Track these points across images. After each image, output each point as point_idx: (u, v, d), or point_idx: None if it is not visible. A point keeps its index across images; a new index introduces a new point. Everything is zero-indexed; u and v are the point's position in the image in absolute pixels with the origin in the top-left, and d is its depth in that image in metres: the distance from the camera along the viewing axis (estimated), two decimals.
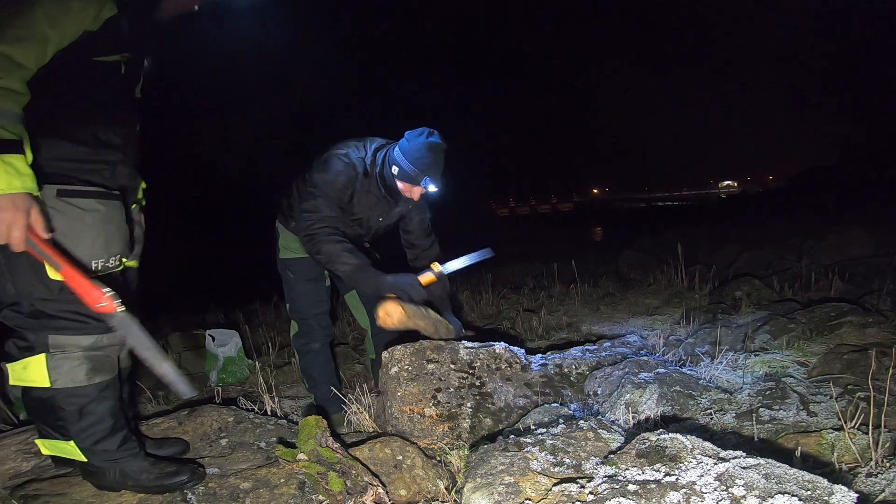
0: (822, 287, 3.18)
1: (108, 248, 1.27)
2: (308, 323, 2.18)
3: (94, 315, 1.19)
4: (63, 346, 1.22)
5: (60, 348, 1.22)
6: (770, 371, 2.01)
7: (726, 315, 2.87)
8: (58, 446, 1.30)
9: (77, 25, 1.18)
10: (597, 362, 2.06)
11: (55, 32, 1.14)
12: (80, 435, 1.27)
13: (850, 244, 4.28)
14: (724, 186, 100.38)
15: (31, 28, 1.10)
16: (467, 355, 1.88)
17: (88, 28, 1.19)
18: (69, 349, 1.23)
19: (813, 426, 1.48)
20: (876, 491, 1.14)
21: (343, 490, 1.25)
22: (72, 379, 1.24)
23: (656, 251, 5.74)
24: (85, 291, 1.12)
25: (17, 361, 1.24)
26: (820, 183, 15.98)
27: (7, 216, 1.01)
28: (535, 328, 3.28)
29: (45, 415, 1.27)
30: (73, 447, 1.28)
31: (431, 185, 1.92)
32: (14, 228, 1.03)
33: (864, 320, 2.21)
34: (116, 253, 1.30)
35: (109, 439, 1.31)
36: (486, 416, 1.73)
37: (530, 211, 63.65)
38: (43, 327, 1.21)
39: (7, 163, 1.02)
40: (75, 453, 1.29)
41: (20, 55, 1.08)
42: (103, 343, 1.28)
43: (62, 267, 1.11)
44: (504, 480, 1.13)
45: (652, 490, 0.96)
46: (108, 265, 1.28)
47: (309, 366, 2.22)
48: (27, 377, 1.23)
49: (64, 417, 1.25)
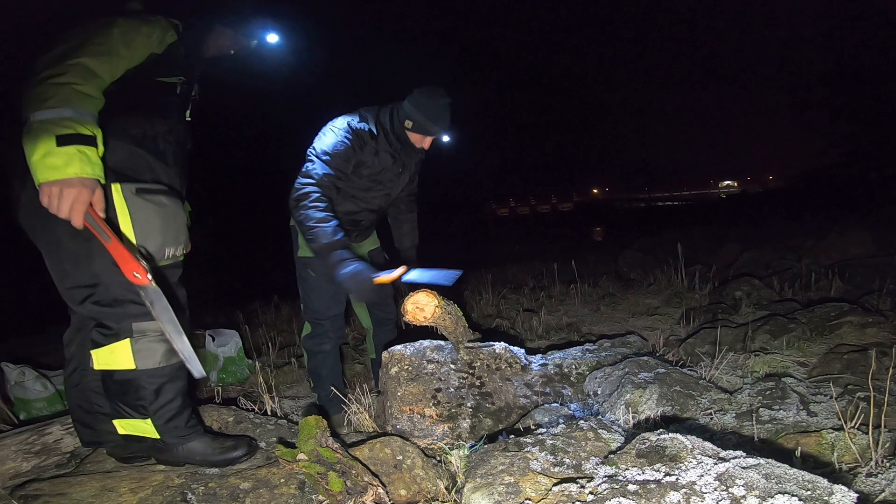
0: (822, 287, 3.18)
1: (177, 238, 1.45)
2: (322, 324, 2.16)
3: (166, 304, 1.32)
4: (144, 330, 1.38)
5: (142, 333, 1.38)
6: (770, 371, 2.01)
7: (726, 315, 2.87)
8: (135, 425, 1.44)
9: (145, 48, 1.40)
10: (597, 362, 2.06)
11: (127, 51, 1.35)
12: (156, 413, 1.43)
13: (850, 244, 4.28)
14: (724, 186, 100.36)
15: (108, 45, 1.31)
16: (467, 355, 1.88)
17: (154, 51, 1.43)
18: (150, 333, 1.38)
19: (813, 426, 1.48)
20: (876, 491, 1.14)
21: (343, 490, 1.25)
22: (152, 361, 1.40)
23: (656, 251, 5.75)
24: (125, 262, 1.24)
25: (102, 347, 1.39)
26: (820, 183, 15.98)
27: (74, 192, 1.18)
28: (535, 328, 3.28)
29: (127, 395, 1.41)
30: (149, 425, 1.44)
31: (444, 134, 2.06)
32: (77, 203, 1.19)
33: (864, 320, 2.22)
34: (182, 242, 1.47)
35: (179, 417, 1.48)
36: (486, 416, 1.73)
37: (530, 211, 63.61)
38: (124, 315, 1.36)
39: (83, 153, 1.19)
40: (150, 431, 1.44)
41: (98, 67, 1.27)
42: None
43: (111, 238, 1.24)
44: (504, 480, 1.13)
45: (652, 490, 0.96)
46: (177, 254, 1.46)
47: (318, 366, 2.20)
48: (114, 361, 1.38)
49: (144, 397, 1.41)
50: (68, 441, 1.72)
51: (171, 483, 1.40)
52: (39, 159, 1.17)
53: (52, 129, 1.17)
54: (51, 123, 1.17)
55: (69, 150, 1.17)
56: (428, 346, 1.90)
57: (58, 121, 1.18)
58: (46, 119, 1.18)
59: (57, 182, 1.17)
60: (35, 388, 2.42)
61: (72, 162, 1.17)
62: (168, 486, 1.38)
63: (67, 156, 1.17)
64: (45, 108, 1.18)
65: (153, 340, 1.39)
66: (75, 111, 1.21)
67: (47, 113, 1.18)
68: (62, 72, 1.22)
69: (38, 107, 1.19)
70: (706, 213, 16.85)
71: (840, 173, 16.31)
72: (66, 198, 1.18)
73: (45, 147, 1.16)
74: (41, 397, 2.42)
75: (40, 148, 1.16)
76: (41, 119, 1.18)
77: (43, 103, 1.19)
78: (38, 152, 1.17)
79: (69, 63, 1.23)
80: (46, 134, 1.17)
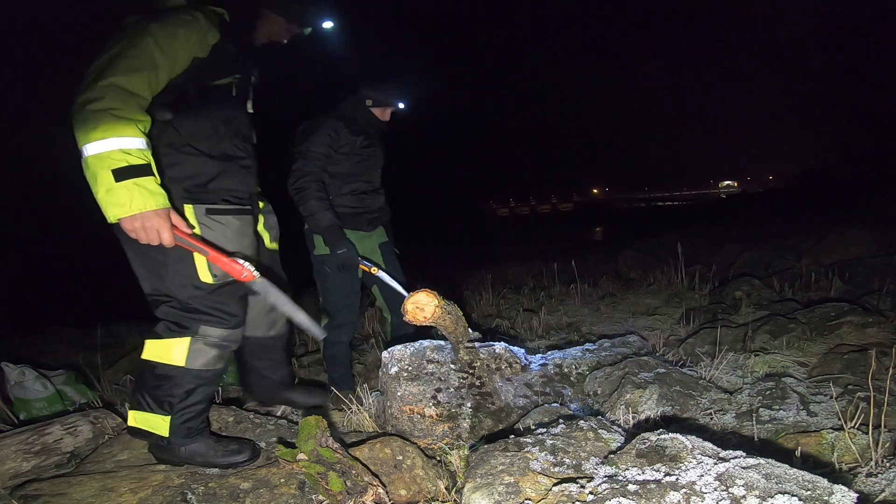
0: (822, 287, 3.18)
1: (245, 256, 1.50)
2: (340, 314, 2.32)
3: (232, 312, 1.49)
4: (207, 334, 1.47)
5: (204, 336, 1.47)
6: (770, 371, 2.01)
7: (726, 315, 2.87)
8: (148, 419, 1.48)
9: (186, 51, 1.37)
10: (597, 362, 2.06)
11: (165, 58, 1.32)
12: (179, 412, 1.47)
13: (850, 244, 4.28)
14: (724, 186, 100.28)
15: (142, 57, 1.28)
16: (467, 355, 1.88)
17: (198, 55, 1.40)
18: (210, 338, 1.47)
19: (813, 426, 1.48)
20: (876, 491, 1.14)
21: (343, 490, 1.25)
22: (202, 362, 1.47)
23: (656, 251, 5.74)
24: (230, 268, 1.40)
25: (160, 340, 1.47)
26: (820, 183, 15.97)
27: (153, 224, 1.26)
28: (535, 328, 3.28)
29: (160, 389, 1.46)
30: (165, 422, 1.46)
31: (401, 103, 2.33)
32: (162, 231, 1.28)
33: (864, 320, 2.22)
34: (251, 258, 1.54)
35: (196, 419, 1.51)
36: (486, 416, 1.73)
37: (530, 211, 63.56)
38: (197, 318, 1.46)
39: (141, 186, 1.23)
40: (162, 428, 1.47)
41: (134, 85, 1.26)
42: (233, 337, 1.53)
43: (209, 253, 1.38)
44: (504, 480, 1.13)
45: (652, 490, 0.96)
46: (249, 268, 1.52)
47: (337, 353, 2.37)
48: (165, 355, 1.46)
49: (175, 394, 1.46)
50: (68, 441, 1.71)
51: (171, 483, 1.40)
52: (104, 197, 1.22)
53: (105, 163, 1.20)
54: (103, 158, 1.20)
55: (128, 185, 1.22)
56: (428, 346, 1.90)
57: (108, 154, 1.21)
58: (97, 154, 1.20)
59: (127, 219, 1.24)
60: (35, 388, 2.42)
61: (134, 197, 1.23)
62: (168, 486, 1.38)
63: (128, 191, 1.22)
64: (93, 140, 1.20)
65: (209, 345, 1.48)
66: (122, 140, 1.22)
67: (96, 147, 1.20)
68: (99, 96, 1.21)
69: (85, 139, 1.21)
70: (706, 213, 16.85)
71: (840, 173, 16.31)
72: (148, 230, 1.27)
73: (105, 183, 1.21)
74: (41, 397, 2.42)
75: (101, 185, 1.21)
76: (93, 154, 1.21)
77: (88, 136, 1.20)
78: (100, 189, 1.22)
79: (103, 85, 1.22)
80: (102, 170, 1.20)
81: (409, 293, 1.83)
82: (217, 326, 1.48)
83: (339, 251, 2.12)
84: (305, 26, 1.73)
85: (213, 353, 1.49)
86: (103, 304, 7.67)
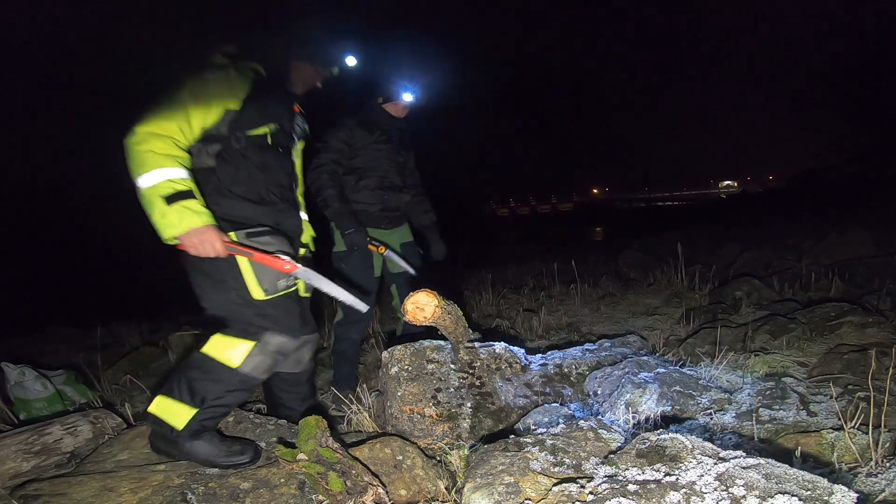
0: (822, 287, 3.18)
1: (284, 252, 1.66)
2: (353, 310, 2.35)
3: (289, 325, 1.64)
4: (268, 342, 1.61)
5: (266, 344, 1.60)
6: (770, 371, 2.01)
7: (726, 315, 2.87)
8: (172, 408, 1.55)
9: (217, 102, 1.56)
10: (597, 362, 2.06)
11: (197, 107, 1.52)
12: (207, 409, 1.55)
13: (850, 244, 4.28)
14: (724, 186, 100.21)
15: (176, 106, 1.49)
16: (467, 355, 1.88)
17: (230, 107, 1.58)
18: (269, 345, 1.61)
19: (813, 426, 1.48)
20: (876, 491, 1.14)
21: (343, 490, 1.25)
22: (253, 367, 1.59)
23: (656, 251, 5.74)
24: (273, 263, 1.58)
25: (228, 337, 1.59)
26: (820, 183, 15.96)
27: (205, 238, 1.47)
28: (535, 328, 3.28)
29: (203, 381, 1.56)
30: (188, 415, 1.54)
31: (408, 94, 2.37)
32: (214, 242, 1.48)
33: (864, 320, 2.22)
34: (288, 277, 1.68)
35: (213, 421, 1.59)
36: (486, 416, 1.73)
37: (530, 211, 63.53)
38: (261, 327, 1.60)
39: (187, 207, 1.45)
40: (181, 420, 1.54)
41: (164, 129, 1.46)
42: (289, 347, 1.67)
43: (253, 254, 1.57)
44: (504, 480, 1.13)
45: (652, 490, 0.96)
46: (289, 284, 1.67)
47: (346, 349, 2.48)
48: (225, 353, 1.57)
49: (213, 391, 1.55)
50: (68, 441, 1.72)
51: (171, 483, 1.40)
52: (159, 219, 1.45)
53: (156, 191, 1.43)
54: (154, 188, 1.43)
55: (177, 208, 1.44)
56: (428, 346, 1.90)
57: (157, 185, 1.43)
58: (150, 185, 1.43)
59: (182, 236, 1.46)
60: (35, 388, 2.42)
61: (183, 217, 1.44)
62: (168, 486, 1.38)
63: (178, 213, 1.44)
64: (142, 174, 1.44)
65: (265, 353, 1.61)
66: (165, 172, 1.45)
67: (146, 179, 1.43)
68: (140, 140, 1.44)
69: (137, 173, 1.44)
70: (706, 213, 16.84)
71: (840, 173, 16.29)
72: (203, 243, 1.48)
73: (159, 208, 1.43)
74: (41, 397, 2.42)
75: (156, 210, 1.44)
76: (145, 186, 1.43)
77: (140, 170, 1.44)
78: (156, 213, 1.44)
79: (142, 130, 1.45)
80: (155, 197, 1.43)
81: (411, 293, 1.84)
82: (279, 335, 1.63)
83: (347, 231, 2.24)
84: (331, 67, 1.87)
85: (267, 362, 1.62)
86: (103, 304, 7.67)
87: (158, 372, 3.12)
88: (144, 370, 3.13)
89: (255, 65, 1.70)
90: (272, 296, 1.62)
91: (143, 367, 3.17)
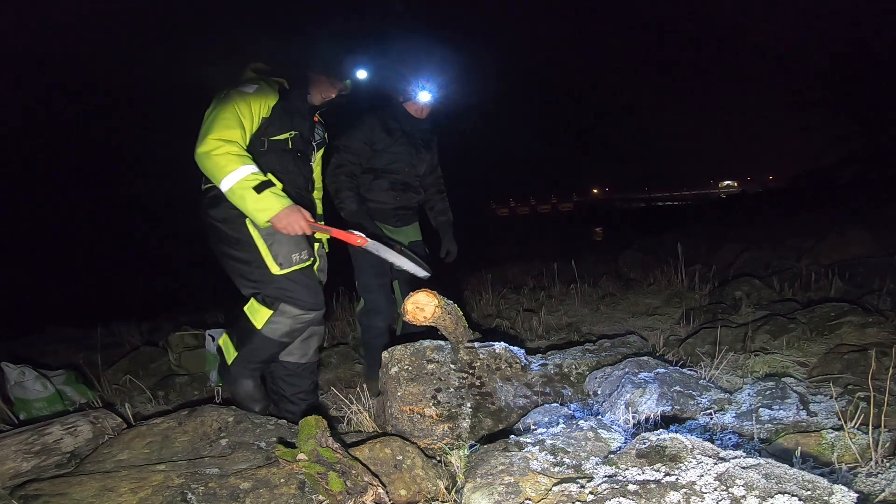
0: (822, 287, 3.18)
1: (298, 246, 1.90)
2: (372, 295, 2.48)
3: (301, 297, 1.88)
4: (284, 311, 1.87)
5: (282, 312, 1.87)
6: (770, 371, 2.01)
7: (726, 315, 2.87)
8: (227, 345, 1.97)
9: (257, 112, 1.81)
10: (597, 362, 2.06)
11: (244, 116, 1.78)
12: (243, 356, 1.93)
13: (850, 244, 4.27)
14: (724, 186, 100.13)
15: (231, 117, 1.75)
16: (467, 355, 1.88)
17: (264, 115, 1.84)
18: (286, 314, 1.87)
19: (813, 426, 1.48)
20: (876, 491, 1.14)
21: (343, 490, 1.25)
22: (271, 330, 1.88)
23: (656, 251, 5.74)
24: (347, 237, 1.89)
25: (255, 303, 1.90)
26: (820, 183, 15.95)
27: (294, 217, 1.74)
28: (535, 328, 3.28)
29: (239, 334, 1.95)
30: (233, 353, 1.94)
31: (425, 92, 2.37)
32: (300, 220, 1.75)
33: (864, 320, 2.22)
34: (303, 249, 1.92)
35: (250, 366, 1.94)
36: (486, 416, 1.73)
37: (530, 211, 63.51)
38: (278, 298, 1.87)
39: (274, 193, 1.72)
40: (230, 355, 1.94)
41: (230, 136, 1.72)
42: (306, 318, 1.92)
43: (331, 231, 1.89)
44: (504, 480, 1.13)
45: (652, 490, 0.96)
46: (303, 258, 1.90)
47: (372, 339, 2.50)
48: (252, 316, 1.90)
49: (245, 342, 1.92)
50: (68, 441, 1.71)
51: (171, 483, 1.40)
52: (253, 206, 1.69)
53: (245, 184, 1.68)
54: (242, 182, 1.68)
55: (266, 194, 1.69)
56: (428, 346, 1.90)
57: (245, 178, 1.68)
58: (236, 181, 1.67)
59: (274, 218, 1.71)
60: (35, 388, 2.42)
61: (273, 202, 1.70)
62: (168, 486, 1.38)
63: (267, 198, 1.69)
64: (229, 173, 1.67)
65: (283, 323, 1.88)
66: (247, 167, 1.70)
67: (233, 177, 1.67)
68: (214, 147, 1.69)
69: (222, 175, 1.68)
70: (706, 213, 16.84)
71: (840, 173, 16.28)
72: (292, 222, 1.73)
73: (251, 198, 1.68)
74: (41, 397, 2.42)
75: (249, 200, 1.68)
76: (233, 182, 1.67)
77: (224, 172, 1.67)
78: (249, 203, 1.69)
79: (213, 139, 1.70)
80: (245, 190, 1.68)
81: (411, 293, 1.84)
82: (294, 306, 1.87)
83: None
84: (343, 79, 2.01)
85: (284, 327, 1.88)
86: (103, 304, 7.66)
87: (158, 372, 3.12)
88: (144, 370, 3.13)
89: (280, 79, 1.92)
90: (287, 269, 1.85)
91: (143, 367, 3.17)
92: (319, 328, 2.07)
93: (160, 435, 1.67)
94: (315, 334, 2.06)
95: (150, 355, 3.33)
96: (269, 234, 1.83)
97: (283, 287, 1.86)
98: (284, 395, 2.08)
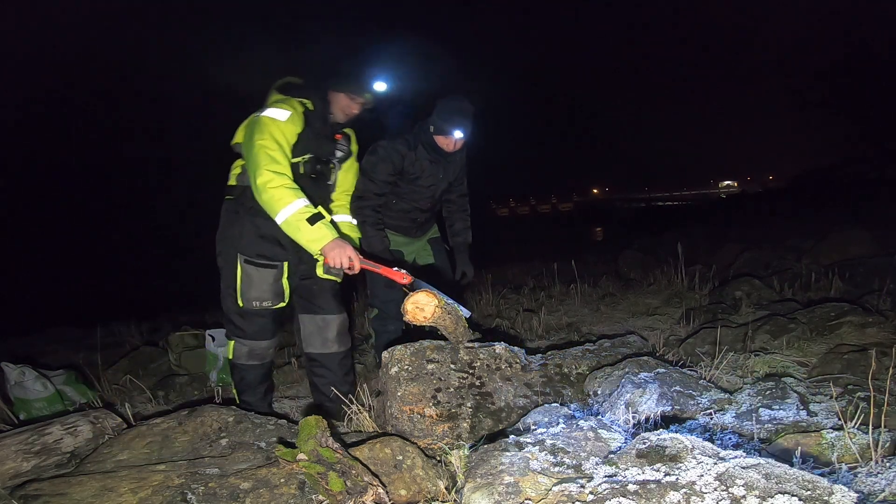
0: (822, 287, 3.18)
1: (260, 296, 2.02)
2: (387, 306, 2.59)
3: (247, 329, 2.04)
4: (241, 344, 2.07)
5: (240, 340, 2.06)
6: (770, 371, 2.01)
7: (726, 315, 2.87)
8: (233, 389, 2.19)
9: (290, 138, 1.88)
10: (597, 362, 2.06)
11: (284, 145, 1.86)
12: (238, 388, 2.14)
13: (850, 244, 4.27)
14: (724, 186, 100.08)
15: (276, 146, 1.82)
16: (467, 355, 1.88)
17: (292, 142, 1.90)
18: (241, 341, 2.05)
19: (813, 426, 1.48)
20: (876, 491, 1.14)
21: (343, 490, 1.25)
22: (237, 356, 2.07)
23: (656, 251, 5.74)
24: (393, 275, 1.90)
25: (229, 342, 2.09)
26: (820, 183, 15.94)
27: (344, 251, 1.82)
28: (535, 328, 3.28)
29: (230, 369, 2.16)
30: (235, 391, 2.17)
31: (458, 131, 2.31)
32: (351, 254, 1.83)
33: (864, 320, 2.21)
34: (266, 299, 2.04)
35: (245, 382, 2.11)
36: (486, 416, 1.73)
37: (530, 211, 63.51)
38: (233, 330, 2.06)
39: (325, 225, 1.81)
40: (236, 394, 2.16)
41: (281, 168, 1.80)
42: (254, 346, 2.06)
43: (380, 267, 1.90)
44: (504, 480, 1.13)
45: (652, 490, 0.96)
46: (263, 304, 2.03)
47: (386, 341, 2.55)
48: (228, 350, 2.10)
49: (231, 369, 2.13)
50: (68, 441, 1.71)
51: (171, 483, 1.40)
52: (308, 238, 1.79)
53: (300, 216, 1.76)
54: (296, 214, 1.76)
55: (319, 226, 1.79)
56: (428, 346, 1.90)
57: (299, 211, 1.77)
58: (291, 213, 1.76)
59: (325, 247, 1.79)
60: (35, 388, 2.42)
61: (325, 233, 1.79)
62: (168, 486, 1.38)
63: (319, 230, 1.79)
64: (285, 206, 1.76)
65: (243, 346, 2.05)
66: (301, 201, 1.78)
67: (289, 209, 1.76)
68: (269, 179, 1.76)
69: (280, 207, 1.76)
70: (706, 213, 16.83)
71: (840, 173, 16.27)
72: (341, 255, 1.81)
73: (306, 229, 1.77)
74: (41, 397, 2.42)
75: (303, 231, 1.77)
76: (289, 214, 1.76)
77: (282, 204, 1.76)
78: (304, 234, 1.78)
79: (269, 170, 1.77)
80: (300, 221, 1.76)
81: (410, 293, 1.84)
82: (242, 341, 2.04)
83: None
84: (362, 93, 2.00)
85: (244, 350, 2.05)
86: (103, 304, 7.66)
87: (158, 372, 3.12)
88: (144, 370, 3.13)
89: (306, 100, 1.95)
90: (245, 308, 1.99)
91: (143, 367, 3.17)
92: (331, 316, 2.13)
93: (160, 435, 1.67)
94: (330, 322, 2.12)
95: (150, 355, 3.33)
96: (247, 274, 1.98)
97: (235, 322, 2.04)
98: (314, 385, 2.15)
